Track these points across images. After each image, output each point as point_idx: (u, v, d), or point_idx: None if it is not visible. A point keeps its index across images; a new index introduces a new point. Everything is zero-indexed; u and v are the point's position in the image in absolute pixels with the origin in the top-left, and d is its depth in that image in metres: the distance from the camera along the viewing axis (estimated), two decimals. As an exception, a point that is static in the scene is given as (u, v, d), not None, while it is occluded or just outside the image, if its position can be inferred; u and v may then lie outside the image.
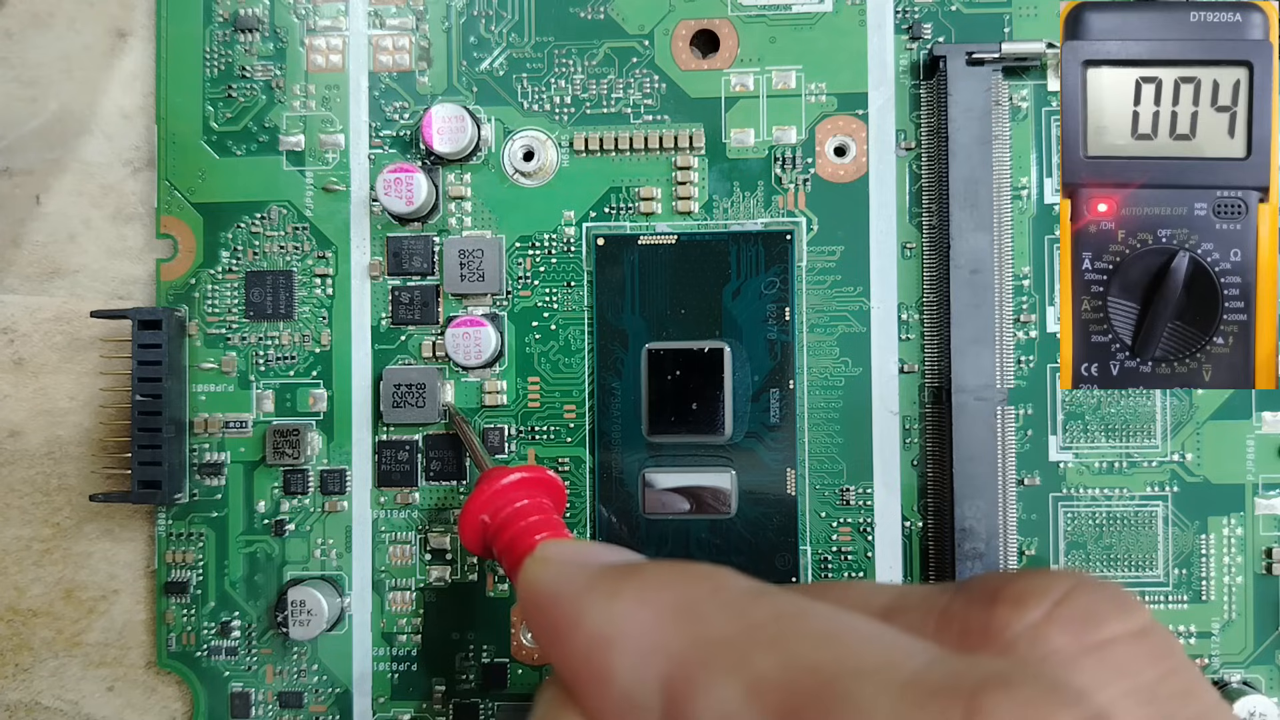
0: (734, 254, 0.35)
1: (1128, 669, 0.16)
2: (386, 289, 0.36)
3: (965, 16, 0.35)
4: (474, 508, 0.28)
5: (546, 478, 0.30)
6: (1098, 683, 0.15)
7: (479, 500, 0.28)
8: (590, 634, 0.18)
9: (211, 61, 0.36)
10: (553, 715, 0.19)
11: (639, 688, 0.17)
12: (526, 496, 0.28)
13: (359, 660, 0.36)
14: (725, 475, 0.34)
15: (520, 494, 0.28)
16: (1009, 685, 0.14)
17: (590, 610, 0.18)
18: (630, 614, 0.18)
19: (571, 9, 0.36)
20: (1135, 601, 0.17)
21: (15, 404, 0.37)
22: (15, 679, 0.37)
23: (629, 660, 0.17)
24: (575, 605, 0.18)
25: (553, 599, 0.19)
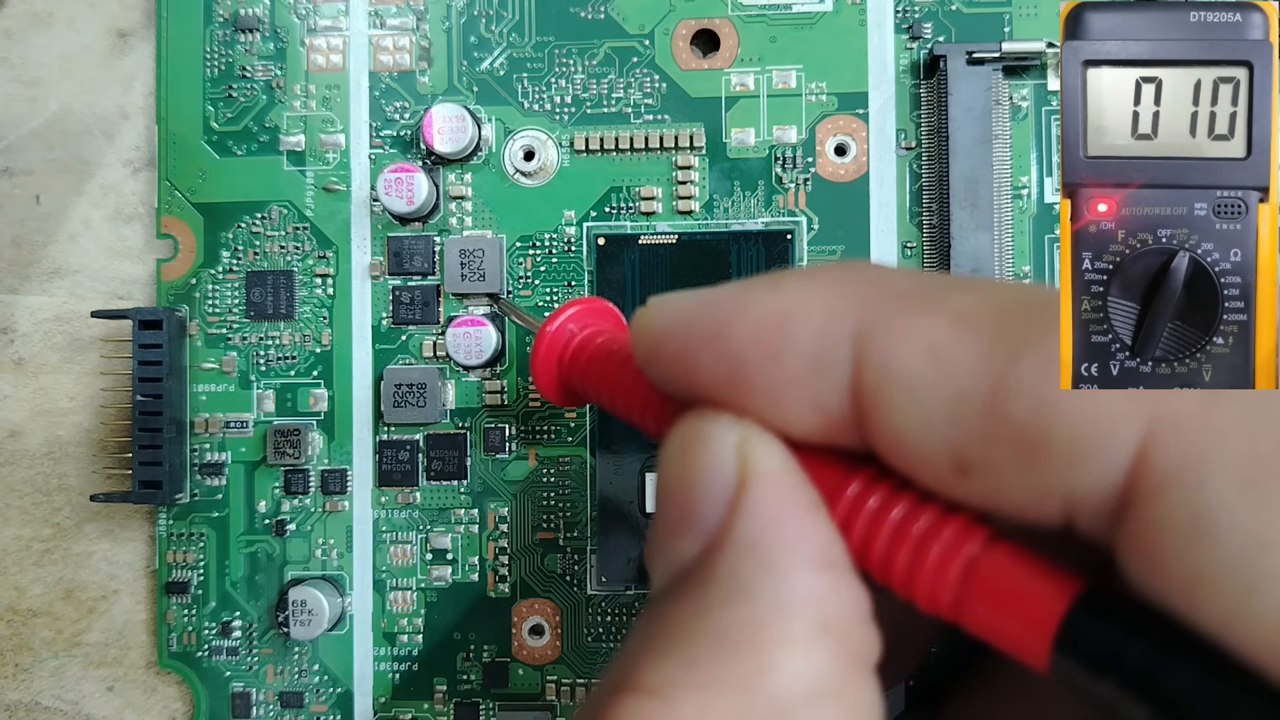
0: (734, 254, 0.35)
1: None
2: (387, 289, 0.36)
3: (965, 16, 0.35)
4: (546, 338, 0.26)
5: (601, 304, 0.28)
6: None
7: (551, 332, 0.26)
8: (760, 314, 0.16)
9: (212, 61, 0.36)
10: (702, 424, 0.17)
11: (825, 347, 0.15)
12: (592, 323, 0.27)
13: (360, 660, 0.36)
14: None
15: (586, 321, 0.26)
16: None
17: (752, 301, 0.16)
18: (804, 288, 0.16)
19: (572, 9, 0.36)
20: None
21: (15, 404, 0.37)
22: (15, 679, 0.37)
23: (812, 323, 0.15)
24: (729, 305, 0.16)
25: (694, 312, 0.17)
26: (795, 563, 0.15)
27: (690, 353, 0.17)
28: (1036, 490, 0.14)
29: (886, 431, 0.15)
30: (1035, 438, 0.13)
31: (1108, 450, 0.13)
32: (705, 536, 0.16)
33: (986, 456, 0.14)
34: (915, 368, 0.14)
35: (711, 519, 0.16)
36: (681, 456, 0.17)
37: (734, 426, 0.16)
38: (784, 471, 0.16)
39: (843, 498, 0.16)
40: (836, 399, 0.15)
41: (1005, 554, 0.14)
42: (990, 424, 0.14)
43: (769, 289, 0.16)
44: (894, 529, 0.15)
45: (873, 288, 0.15)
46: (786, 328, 0.15)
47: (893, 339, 0.15)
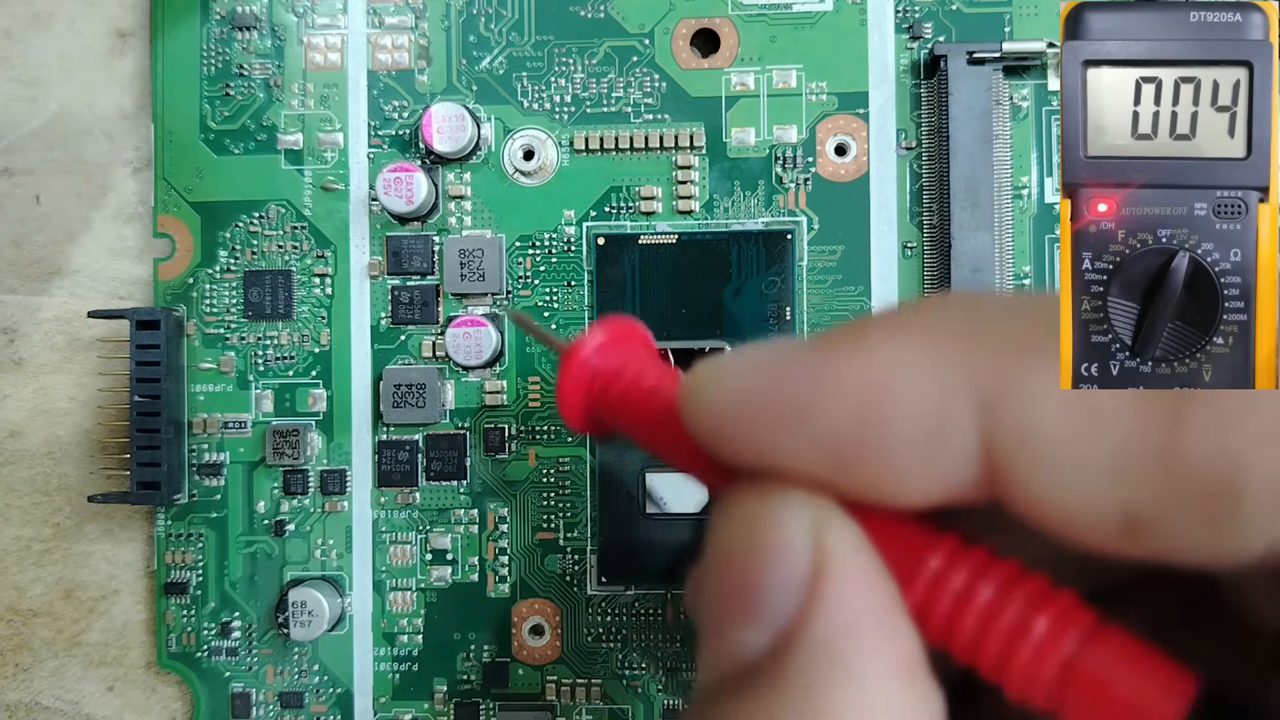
0: (735, 253, 0.35)
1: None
2: (386, 289, 0.36)
3: (966, 16, 0.35)
4: (576, 364, 0.23)
5: (632, 327, 0.25)
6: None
7: (578, 358, 0.23)
8: (855, 391, 0.14)
9: (209, 60, 0.36)
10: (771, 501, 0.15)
11: (945, 417, 0.13)
12: (624, 348, 0.24)
13: (360, 660, 0.36)
14: (725, 475, 0.34)
15: (617, 346, 0.24)
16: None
17: (839, 371, 0.14)
18: (900, 348, 0.14)
19: (571, 8, 0.36)
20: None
21: (15, 404, 0.37)
22: (15, 679, 0.37)
23: (923, 392, 0.14)
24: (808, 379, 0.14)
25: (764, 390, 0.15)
26: (877, 670, 0.14)
27: (770, 436, 0.15)
28: (1226, 543, 0.13)
29: (1035, 496, 0.13)
30: (1223, 493, 0.12)
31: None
32: (774, 629, 0.14)
33: (1163, 515, 0.13)
34: (1065, 426, 0.13)
35: (782, 611, 0.14)
36: (748, 535, 0.15)
37: (807, 505, 0.15)
38: (863, 561, 0.14)
39: (922, 573, 0.14)
40: (962, 469, 0.14)
41: (1113, 646, 0.13)
42: (1166, 480, 0.13)
43: (856, 351, 0.14)
44: (983, 612, 0.14)
45: (978, 336, 0.14)
46: (893, 402, 0.14)
47: (1029, 396, 0.13)
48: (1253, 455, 0.12)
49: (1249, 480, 0.12)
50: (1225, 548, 0.13)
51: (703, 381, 0.16)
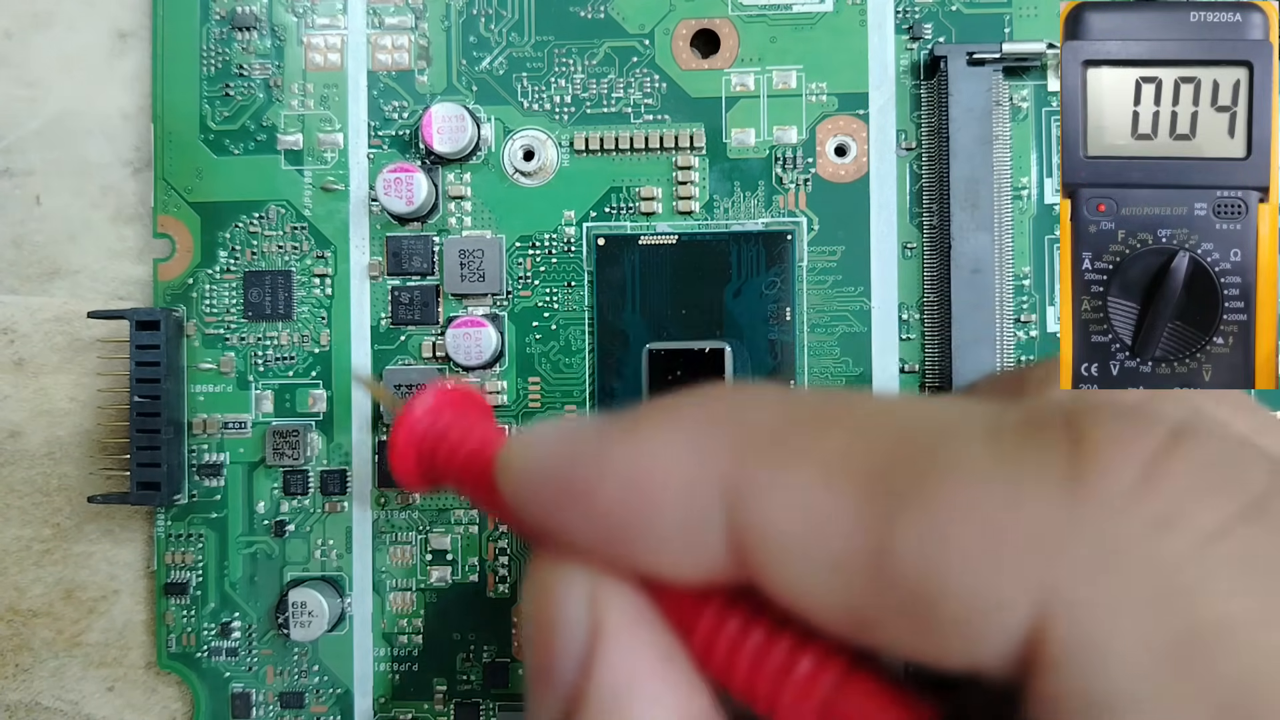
0: (735, 254, 0.35)
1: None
2: (386, 289, 0.36)
3: (966, 16, 0.35)
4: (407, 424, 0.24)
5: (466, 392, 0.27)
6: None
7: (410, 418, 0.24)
8: (623, 478, 0.15)
9: (209, 60, 0.36)
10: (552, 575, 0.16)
11: (695, 507, 0.14)
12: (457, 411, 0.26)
13: (360, 661, 0.36)
14: (725, 475, 0.34)
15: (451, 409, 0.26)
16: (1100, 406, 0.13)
17: (613, 457, 0.15)
18: (663, 443, 0.15)
19: (571, 8, 0.36)
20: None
21: (15, 404, 0.37)
22: (15, 679, 0.37)
23: (676, 482, 0.15)
24: (590, 462, 0.15)
25: (556, 469, 0.16)
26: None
27: (558, 510, 0.16)
28: (934, 652, 0.13)
29: (774, 587, 0.14)
30: (924, 604, 0.13)
31: (998, 623, 0.12)
32: (564, 695, 0.15)
33: (880, 617, 0.13)
34: (789, 530, 0.14)
35: (569, 676, 0.15)
36: (536, 611, 0.16)
37: (583, 577, 0.16)
38: (636, 621, 0.15)
39: (700, 626, 0.16)
40: (715, 555, 0.15)
41: (862, 686, 0.14)
42: (878, 588, 0.13)
43: (627, 439, 0.15)
44: (752, 658, 0.15)
45: (734, 431, 0.15)
46: (650, 489, 0.15)
47: (762, 498, 0.14)
48: (949, 573, 0.13)
49: (942, 599, 0.13)
50: (935, 656, 0.13)
51: (513, 450, 0.17)
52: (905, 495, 0.13)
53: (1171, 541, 0.12)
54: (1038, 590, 0.12)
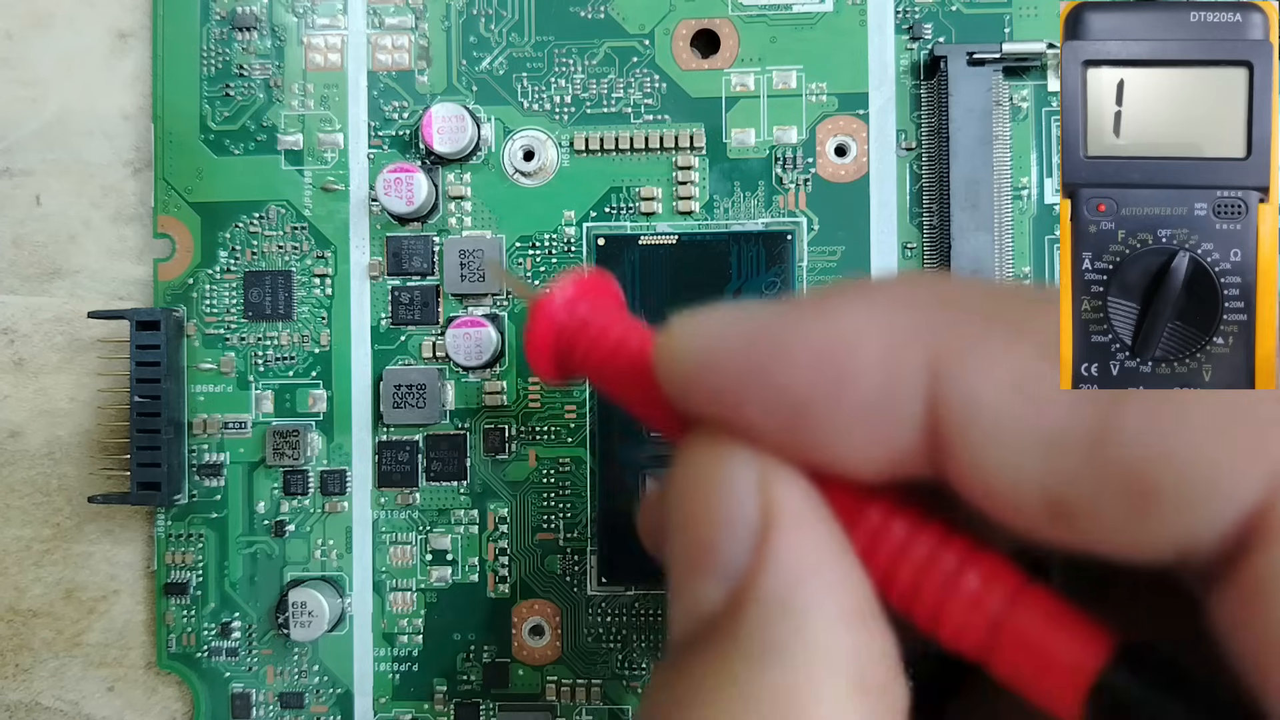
0: (735, 254, 0.35)
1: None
2: (386, 289, 0.36)
3: (966, 16, 0.35)
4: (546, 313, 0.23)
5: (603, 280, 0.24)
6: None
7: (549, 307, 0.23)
8: (815, 344, 0.14)
9: (209, 60, 0.36)
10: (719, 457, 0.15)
11: (894, 381, 0.14)
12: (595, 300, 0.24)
13: (360, 661, 0.36)
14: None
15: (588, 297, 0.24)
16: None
17: (804, 332, 0.14)
18: (862, 311, 0.14)
19: (571, 8, 0.36)
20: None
21: (15, 404, 0.37)
22: (15, 679, 0.37)
23: (876, 354, 0.14)
24: (775, 338, 0.15)
25: (734, 347, 0.15)
26: (828, 619, 0.14)
27: (732, 390, 0.15)
28: (1142, 537, 0.13)
29: (970, 472, 0.14)
30: (1146, 485, 0.12)
31: (1227, 500, 0.12)
32: (729, 583, 0.15)
33: (1088, 502, 0.13)
34: (1003, 404, 0.13)
35: (735, 563, 0.15)
36: (700, 492, 0.15)
37: (752, 460, 0.15)
38: (809, 512, 0.15)
39: (863, 526, 0.15)
40: (907, 437, 0.14)
41: (1038, 603, 0.14)
42: (1094, 469, 0.13)
43: (821, 313, 0.15)
44: (919, 564, 0.14)
45: (941, 308, 0.14)
46: (847, 361, 0.14)
47: (974, 371, 0.13)
48: (1175, 453, 0.12)
49: (1167, 477, 0.12)
50: (1141, 542, 0.13)
51: (675, 334, 0.16)
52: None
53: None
54: (1272, 466, 0.12)
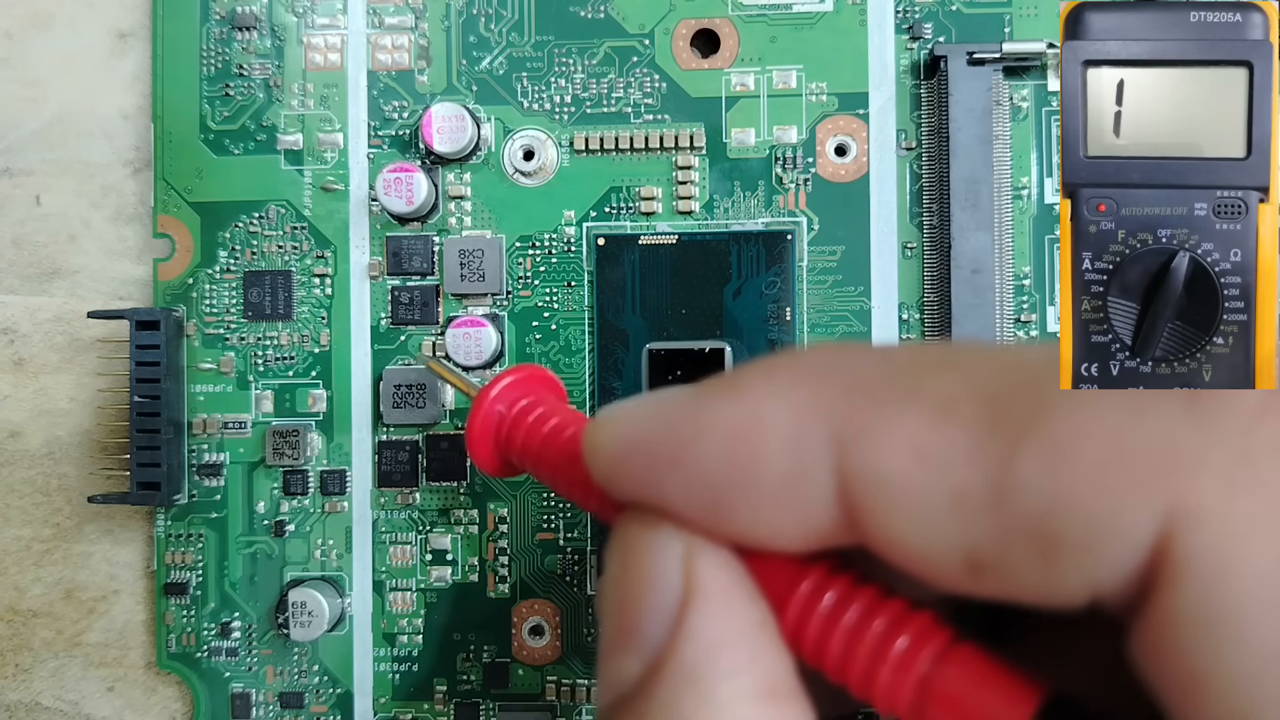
0: (735, 254, 0.35)
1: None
2: (386, 289, 0.36)
3: (966, 16, 0.35)
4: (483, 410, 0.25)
5: (542, 373, 0.26)
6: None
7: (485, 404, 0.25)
8: (725, 435, 0.15)
9: (208, 60, 0.36)
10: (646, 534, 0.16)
11: (802, 459, 0.14)
12: (533, 394, 0.25)
13: (360, 661, 0.36)
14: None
15: (526, 391, 0.25)
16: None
17: (714, 416, 0.15)
18: (766, 397, 0.15)
19: (571, 8, 0.36)
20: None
21: (15, 404, 0.37)
22: (15, 679, 0.37)
23: (782, 435, 0.14)
24: (688, 423, 0.15)
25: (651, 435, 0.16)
26: (737, 693, 0.14)
27: (652, 477, 0.16)
28: (1055, 582, 0.13)
29: (885, 538, 0.14)
30: (1049, 534, 0.13)
31: (1125, 540, 0.12)
32: (647, 656, 0.15)
33: (999, 555, 0.13)
34: (905, 472, 0.13)
35: (654, 638, 0.15)
36: (625, 568, 0.16)
37: (677, 537, 0.15)
38: (729, 586, 0.15)
39: (795, 597, 0.15)
40: (822, 510, 0.14)
41: (964, 662, 0.14)
42: (999, 522, 0.13)
43: (728, 398, 0.15)
44: (849, 632, 0.15)
45: (839, 382, 0.14)
46: (755, 444, 0.14)
47: (874, 442, 0.14)
48: (1070, 500, 0.12)
49: (1066, 524, 0.13)
50: (1054, 589, 0.13)
51: (600, 423, 0.17)
52: (1023, 424, 0.13)
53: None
54: (1168, 504, 0.12)
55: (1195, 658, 0.12)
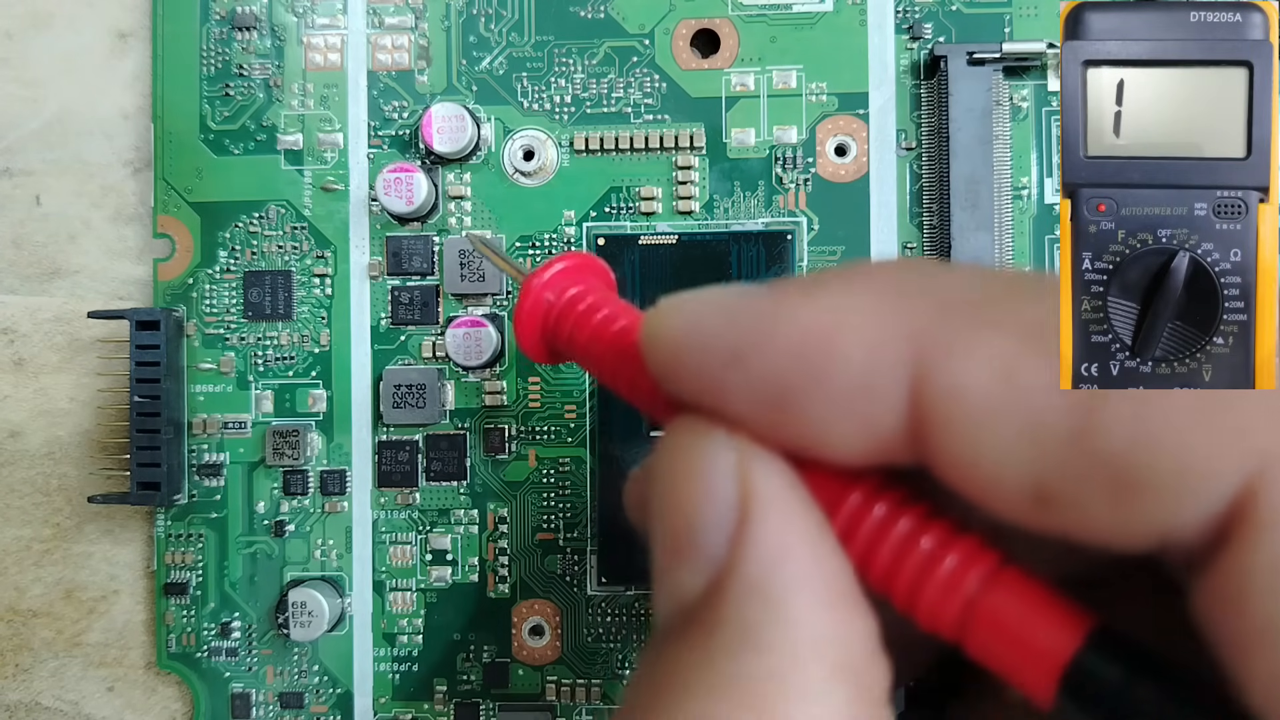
0: (735, 254, 0.35)
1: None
2: (386, 289, 0.36)
3: (966, 16, 0.35)
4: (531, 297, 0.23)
5: (594, 262, 0.25)
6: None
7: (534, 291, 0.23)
8: (800, 329, 0.14)
9: (208, 59, 0.36)
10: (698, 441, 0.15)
11: (878, 367, 0.14)
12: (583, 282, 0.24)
13: (360, 661, 0.36)
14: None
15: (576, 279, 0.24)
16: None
17: (790, 315, 0.14)
18: (849, 296, 0.14)
19: (571, 8, 0.36)
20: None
21: (15, 404, 0.37)
22: (15, 679, 0.37)
23: (861, 340, 0.14)
24: (761, 320, 0.15)
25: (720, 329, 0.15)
26: (805, 603, 0.14)
27: (716, 372, 0.15)
28: (1126, 524, 0.13)
29: (953, 459, 0.14)
30: (1130, 474, 0.12)
31: (1209, 488, 0.12)
32: (709, 569, 0.15)
33: (1072, 490, 0.13)
34: (988, 392, 0.13)
35: (714, 549, 0.15)
36: (678, 478, 0.15)
37: (731, 444, 0.15)
38: (787, 495, 0.15)
39: (844, 508, 0.15)
40: (890, 423, 0.14)
41: (1013, 585, 0.14)
42: (1078, 457, 0.13)
43: (807, 297, 0.15)
44: (897, 546, 0.14)
45: (928, 295, 0.14)
46: (831, 345, 0.14)
47: (960, 358, 0.13)
48: (1157, 442, 0.12)
49: (1149, 466, 0.12)
50: (1124, 529, 0.13)
51: (662, 315, 0.16)
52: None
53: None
54: (1254, 454, 0.12)
55: (1261, 611, 0.12)
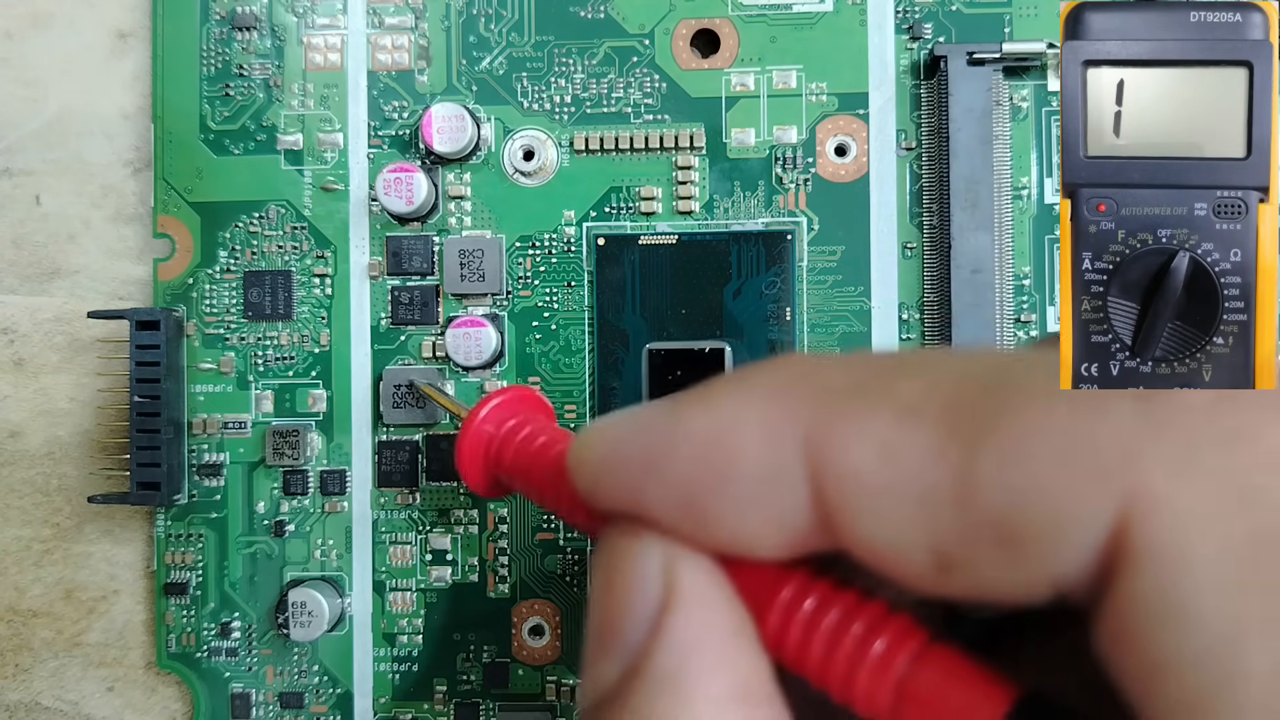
0: (734, 254, 0.35)
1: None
2: (386, 289, 0.36)
3: (966, 16, 0.35)
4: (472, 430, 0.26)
5: (530, 394, 0.28)
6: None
7: (474, 425, 0.26)
8: (701, 441, 0.15)
9: (209, 60, 0.36)
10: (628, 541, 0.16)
11: (774, 463, 0.14)
12: (520, 414, 0.26)
13: (360, 661, 0.36)
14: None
15: (514, 412, 0.26)
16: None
17: (690, 424, 0.15)
18: (740, 405, 0.15)
19: (571, 8, 0.36)
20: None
21: (15, 404, 0.37)
22: (15, 679, 0.37)
23: (753, 439, 0.15)
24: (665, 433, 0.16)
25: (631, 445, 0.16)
26: (712, 698, 0.15)
27: (635, 483, 0.16)
28: (1021, 577, 0.13)
29: (858, 540, 0.14)
30: (1011, 527, 0.13)
31: (1082, 532, 0.13)
32: (627, 659, 0.15)
33: (966, 553, 0.13)
34: (873, 471, 0.14)
35: (633, 642, 0.15)
36: (608, 575, 0.16)
37: (659, 545, 0.16)
38: (709, 592, 0.16)
39: (775, 604, 0.15)
40: (799, 513, 0.15)
41: (940, 662, 0.14)
42: (964, 520, 0.13)
43: (701, 407, 0.16)
44: (828, 637, 0.15)
45: (809, 389, 0.15)
46: (729, 445, 0.15)
47: (843, 443, 0.14)
48: (1034, 488, 0.13)
49: (1026, 518, 0.13)
50: (1019, 584, 0.13)
51: (583, 437, 0.17)
52: (984, 423, 0.13)
53: (1245, 451, 0.12)
54: (1121, 494, 0.12)
55: (1150, 644, 0.12)
